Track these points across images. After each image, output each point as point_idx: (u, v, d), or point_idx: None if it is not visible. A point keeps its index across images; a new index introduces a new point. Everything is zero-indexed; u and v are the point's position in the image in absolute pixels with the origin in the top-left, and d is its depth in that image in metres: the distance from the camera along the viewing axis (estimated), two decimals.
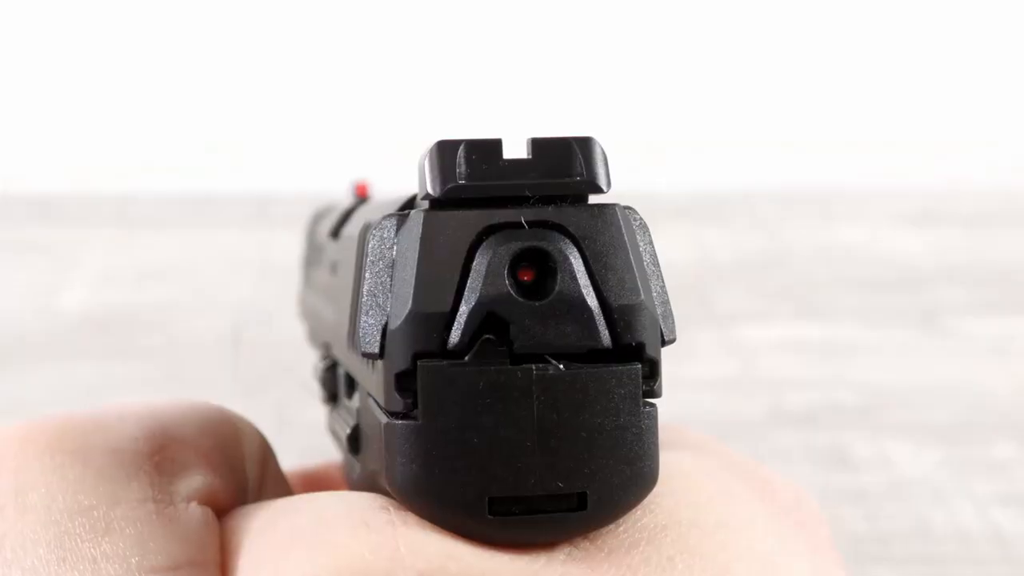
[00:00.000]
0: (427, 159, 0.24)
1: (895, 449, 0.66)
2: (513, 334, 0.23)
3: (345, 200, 0.41)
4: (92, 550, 0.25)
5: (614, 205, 0.24)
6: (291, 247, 0.54)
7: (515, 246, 0.23)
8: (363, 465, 0.28)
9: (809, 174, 1.16)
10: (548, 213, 0.24)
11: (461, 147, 0.24)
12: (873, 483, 0.63)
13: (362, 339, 0.24)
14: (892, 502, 0.61)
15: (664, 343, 0.24)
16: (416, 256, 0.23)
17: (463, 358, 0.23)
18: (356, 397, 0.29)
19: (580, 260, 0.23)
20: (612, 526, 0.24)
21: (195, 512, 0.26)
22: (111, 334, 0.83)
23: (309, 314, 0.42)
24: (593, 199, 0.24)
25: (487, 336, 0.23)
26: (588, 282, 0.23)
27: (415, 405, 0.23)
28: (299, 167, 1.14)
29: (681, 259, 0.96)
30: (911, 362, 0.79)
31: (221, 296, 0.89)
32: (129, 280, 0.93)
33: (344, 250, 0.31)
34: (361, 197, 0.42)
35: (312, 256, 0.42)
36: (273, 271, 0.87)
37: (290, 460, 0.33)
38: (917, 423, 0.70)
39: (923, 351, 0.82)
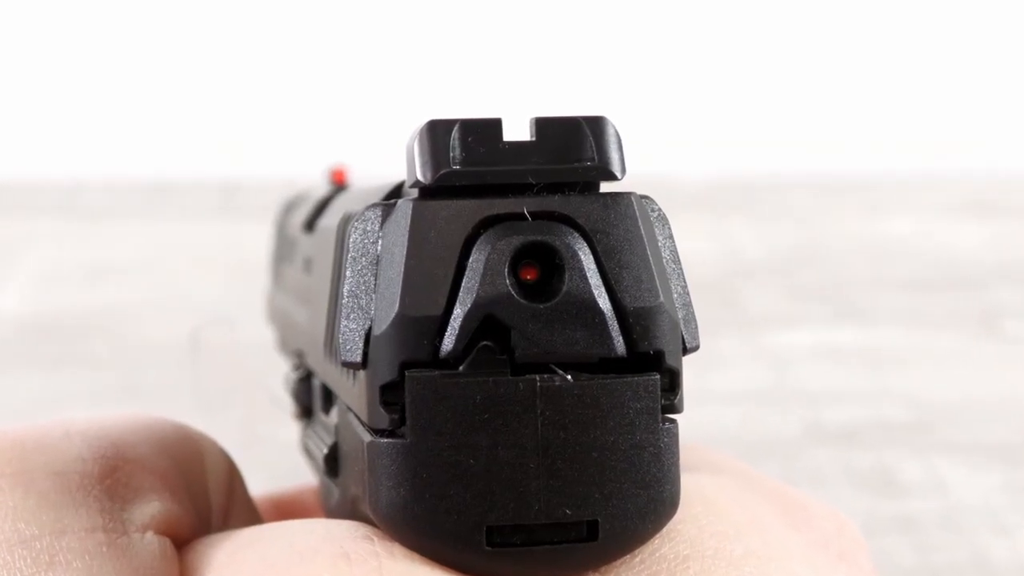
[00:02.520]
0: (416, 141, 0.24)
1: (948, 471, 0.66)
2: (514, 340, 0.23)
3: (320, 188, 0.42)
4: None
5: (629, 194, 0.24)
6: (259, 241, 0.54)
7: (517, 241, 0.23)
8: (342, 489, 0.28)
9: (848, 160, 1.16)
10: (554, 203, 0.24)
11: (455, 127, 0.24)
12: (923, 509, 0.63)
13: (342, 346, 0.24)
14: (945, 531, 0.61)
15: (686, 351, 0.24)
16: (404, 252, 0.23)
17: (457, 368, 0.23)
18: (334, 412, 0.29)
19: (590, 256, 0.23)
20: (627, 558, 0.24)
21: (151, 542, 0.26)
22: (56, 340, 0.83)
23: (279, 317, 0.42)
24: (605, 187, 0.24)
25: (485, 343, 0.23)
26: (599, 282, 0.23)
27: (402, 421, 0.23)
28: (268, 150, 1.14)
29: (705, 255, 0.96)
30: (965, 371, 0.79)
31: (181, 297, 0.89)
32: (77, 279, 0.93)
33: (320, 245, 0.31)
34: (339, 184, 0.42)
35: (283, 251, 0.42)
36: (239, 268, 0.87)
37: (259, 483, 0.33)
38: (973, 441, 0.70)
39: (979, 359, 0.82)
